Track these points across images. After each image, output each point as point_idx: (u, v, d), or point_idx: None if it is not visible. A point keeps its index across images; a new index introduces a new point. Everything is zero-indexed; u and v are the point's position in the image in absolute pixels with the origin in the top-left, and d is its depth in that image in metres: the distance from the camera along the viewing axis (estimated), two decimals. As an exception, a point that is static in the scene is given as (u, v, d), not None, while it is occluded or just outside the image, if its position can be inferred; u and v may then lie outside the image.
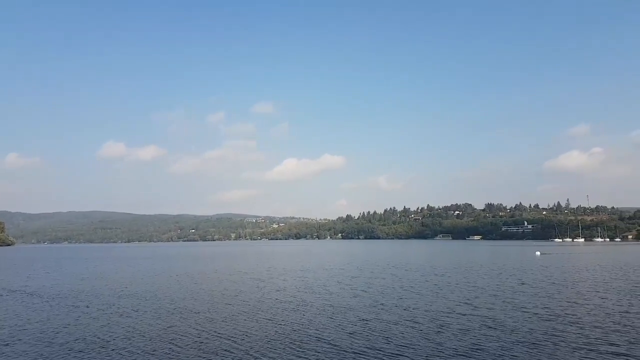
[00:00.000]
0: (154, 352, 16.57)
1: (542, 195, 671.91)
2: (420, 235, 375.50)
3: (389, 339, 18.11)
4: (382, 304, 27.00)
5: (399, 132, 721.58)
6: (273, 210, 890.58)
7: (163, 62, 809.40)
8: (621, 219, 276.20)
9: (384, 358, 15.54)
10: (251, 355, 16.08)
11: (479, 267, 57.31)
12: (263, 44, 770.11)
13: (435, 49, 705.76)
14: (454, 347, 16.79)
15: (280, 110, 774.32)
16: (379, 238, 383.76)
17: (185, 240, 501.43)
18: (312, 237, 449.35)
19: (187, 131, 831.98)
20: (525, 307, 25.45)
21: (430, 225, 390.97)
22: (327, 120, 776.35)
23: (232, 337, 18.94)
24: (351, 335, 18.98)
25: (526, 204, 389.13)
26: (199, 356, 16.03)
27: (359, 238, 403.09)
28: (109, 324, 21.98)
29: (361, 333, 19.31)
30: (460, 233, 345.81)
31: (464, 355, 15.61)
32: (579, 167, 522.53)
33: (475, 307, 25.61)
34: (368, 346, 17.09)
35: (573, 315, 22.80)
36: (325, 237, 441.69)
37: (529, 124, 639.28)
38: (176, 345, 17.65)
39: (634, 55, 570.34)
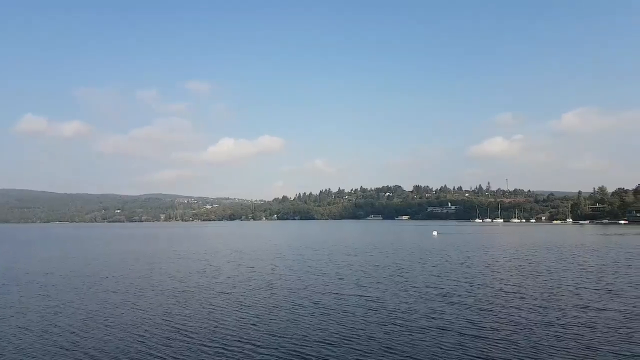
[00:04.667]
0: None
1: (467, 178, 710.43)
2: (354, 215, 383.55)
3: (257, 326, 16.61)
4: (272, 286, 25.66)
5: (337, 117, 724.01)
6: (207, 191, 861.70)
7: (91, 33, 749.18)
8: (536, 201, 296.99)
9: (248, 347, 13.96)
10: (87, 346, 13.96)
11: (387, 246, 58.01)
12: (198, 20, 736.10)
13: (371, 38, 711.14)
14: (328, 331, 15.62)
15: (217, 90, 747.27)
16: (314, 219, 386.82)
17: (110, 221, 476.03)
18: (247, 218, 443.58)
19: (115, 107, 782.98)
20: (413, 287, 25.01)
21: (363, 206, 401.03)
22: (267, 102, 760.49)
23: (69, 326, 16.61)
24: (218, 321, 17.28)
25: (452, 187, 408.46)
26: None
27: (294, 219, 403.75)
28: None
29: (232, 319, 17.69)
30: (390, 213, 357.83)
31: (326, 343, 14.41)
32: (500, 152, 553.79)
33: (364, 287, 24.87)
34: (230, 335, 15.44)
35: (458, 295, 22.57)
36: (260, 218, 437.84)
37: (457, 112, 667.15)
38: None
39: (554, 50, 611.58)
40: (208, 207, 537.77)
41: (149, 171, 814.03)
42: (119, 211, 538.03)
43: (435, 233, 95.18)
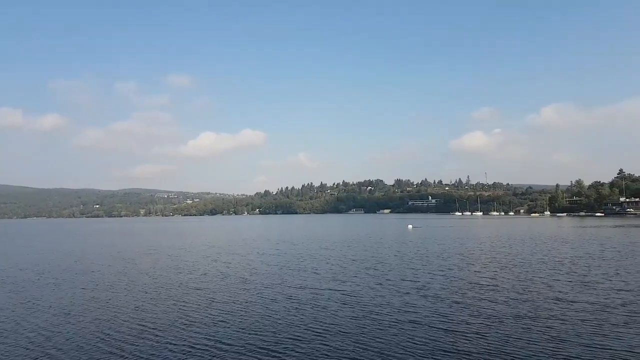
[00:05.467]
0: None
1: (447, 172, 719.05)
2: (336, 209, 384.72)
3: (227, 322, 16.17)
4: (247, 281, 25.21)
5: (319, 112, 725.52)
6: (188, 186, 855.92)
7: (68, 24, 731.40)
8: (515, 194, 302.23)
9: (216, 344, 13.55)
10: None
11: (365, 240, 58.08)
12: (179, 12, 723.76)
13: (354, 33, 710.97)
14: (300, 326, 15.33)
15: (198, 83, 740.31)
16: (296, 213, 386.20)
17: (88, 217, 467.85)
18: (228, 213, 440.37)
19: (93, 100, 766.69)
20: (387, 280, 24.86)
21: (345, 200, 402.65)
22: (248, 96, 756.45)
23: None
24: (188, 318, 16.80)
25: (432, 181, 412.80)
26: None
27: (276, 213, 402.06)
28: None
29: (203, 315, 17.23)
30: (372, 207, 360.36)
31: (297, 339, 14.09)
32: (480, 147, 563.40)
33: (340, 281, 24.61)
34: (199, 332, 15.01)
35: (432, 288, 22.45)
36: (242, 213, 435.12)
37: (438, 107, 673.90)
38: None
39: (533, 47, 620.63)
40: (189, 202, 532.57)
41: (129, 165, 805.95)
42: (97, 206, 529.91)
43: (410, 227, 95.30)
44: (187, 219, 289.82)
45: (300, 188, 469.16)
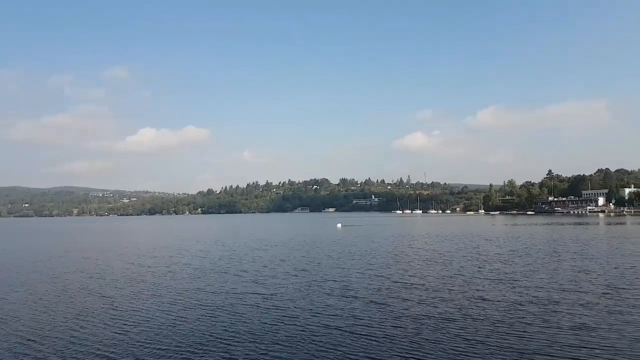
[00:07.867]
0: None
1: (390, 171, 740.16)
2: (281, 208, 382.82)
3: (127, 334, 14.62)
4: (160, 286, 23.44)
5: (264, 109, 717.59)
6: (124, 184, 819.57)
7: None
8: (451, 193, 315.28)
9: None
10: None
11: (300, 239, 57.46)
12: (117, 2, 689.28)
13: (298, 29, 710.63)
14: (208, 335, 14.06)
15: (138, 76, 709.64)
16: (241, 212, 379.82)
17: (16, 216, 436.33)
18: (168, 213, 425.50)
19: (23, 92, 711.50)
20: (314, 281, 24.08)
21: (291, 199, 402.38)
22: (192, 92, 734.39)
23: None
24: (81, 330, 15.03)
25: (375, 180, 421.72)
26: None
27: (220, 213, 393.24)
28: None
29: (101, 325, 15.53)
30: (317, 206, 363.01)
31: (199, 349, 12.88)
32: (420, 147, 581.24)
33: (262, 284, 23.45)
34: (92, 344, 13.39)
35: (353, 289, 21.82)
36: (183, 213, 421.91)
37: (382, 108, 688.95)
38: None
39: (473, 51, 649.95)
40: (125, 201, 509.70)
41: (61, 162, 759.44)
42: (27, 205, 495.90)
43: (339, 225, 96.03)
44: (122, 219, 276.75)
45: (245, 187, 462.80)
